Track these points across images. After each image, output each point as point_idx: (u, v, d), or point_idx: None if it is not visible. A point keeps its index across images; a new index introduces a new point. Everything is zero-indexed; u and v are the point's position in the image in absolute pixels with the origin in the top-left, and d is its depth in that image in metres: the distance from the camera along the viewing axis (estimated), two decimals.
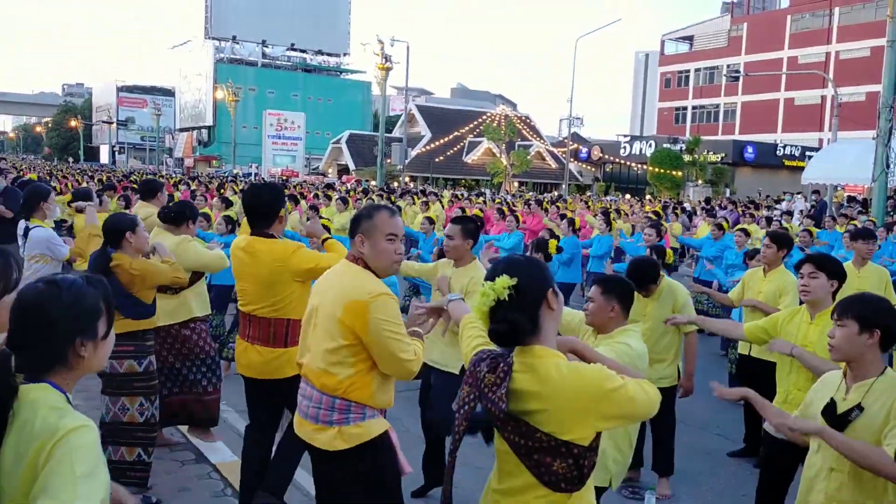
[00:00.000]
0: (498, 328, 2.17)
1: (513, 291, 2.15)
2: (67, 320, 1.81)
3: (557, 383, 2.11)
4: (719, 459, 6.06)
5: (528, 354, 2.19)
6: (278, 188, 4.33)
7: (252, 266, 4.03)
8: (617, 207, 19.68)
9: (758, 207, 22.10)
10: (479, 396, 2.21)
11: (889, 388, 2.87)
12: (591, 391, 2.09)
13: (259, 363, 4.06)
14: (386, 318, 2.92)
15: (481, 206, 19.65)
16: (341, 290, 3.02)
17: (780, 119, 53.05)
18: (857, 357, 2.95)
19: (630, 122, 76.25)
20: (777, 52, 52.72)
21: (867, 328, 2.90)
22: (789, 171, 42.84)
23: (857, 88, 45.24)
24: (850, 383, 2.98)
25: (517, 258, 2.32)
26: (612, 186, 47.10)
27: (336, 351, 2.99)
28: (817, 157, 24.22)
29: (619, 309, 3.59)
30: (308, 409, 3.08)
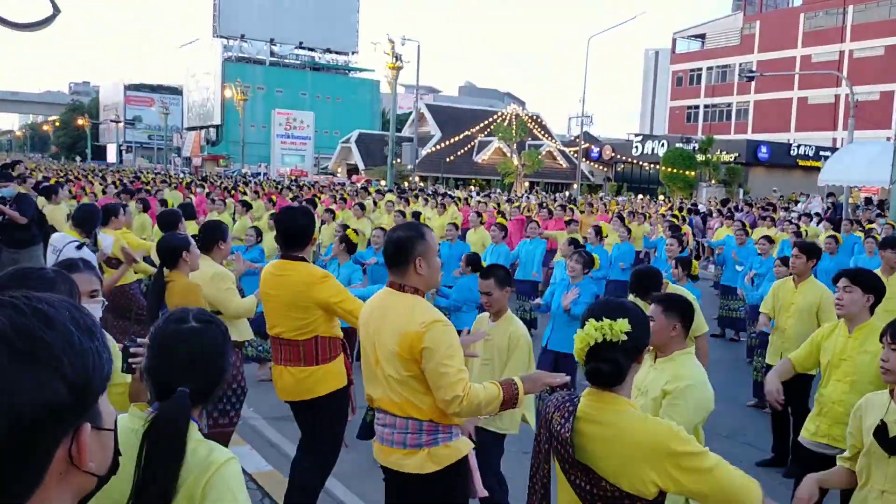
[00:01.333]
0: (602, 368, 2.15)
1: (625, 337, 2.14)
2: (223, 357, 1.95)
3: (622, 430, 2.10)
4: (748, 469, 5.93)
5: (599, 398, 2.19)
6: (311, 213, 4.30)
7: (278, 288, 4.00)
8: (632, 210, 19.51)
9: (775, 209, 21.90)
10: (549, 437, 2.22)
11: None
12: (654, 445, 2.06)
13: (292, 384, 4.03)
14: (436, 348, 2.88)
15: (500, 208, 19.52)
16: (396, 321, 2.99)
17: (794, 118, 52.71)
18: None
19: (640, 121, 75.99)
20: (790, 50, 52.37)
21: None
22: (803, 171, 42.54)
23: (871, 87, 44.91)
24: None
25: (631, 306, 2.29)
26: (625, 186, 46.87)
27: (406, 382, 2.98)
28: (833, 158, 23.99)
29: (680, 328, 3.46)
30: (393, 436, 3.07)
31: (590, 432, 2.14)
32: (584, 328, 2.18)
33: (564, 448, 2.14)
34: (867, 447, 3.05)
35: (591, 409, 2.17)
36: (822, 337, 4.34)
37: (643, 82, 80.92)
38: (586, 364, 2.20)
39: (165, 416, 1.73)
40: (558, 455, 2.19)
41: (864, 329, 4.15)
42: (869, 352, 4.06)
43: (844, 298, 4.18)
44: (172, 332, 1.90)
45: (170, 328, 1.91)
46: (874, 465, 3.02)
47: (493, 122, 52.73)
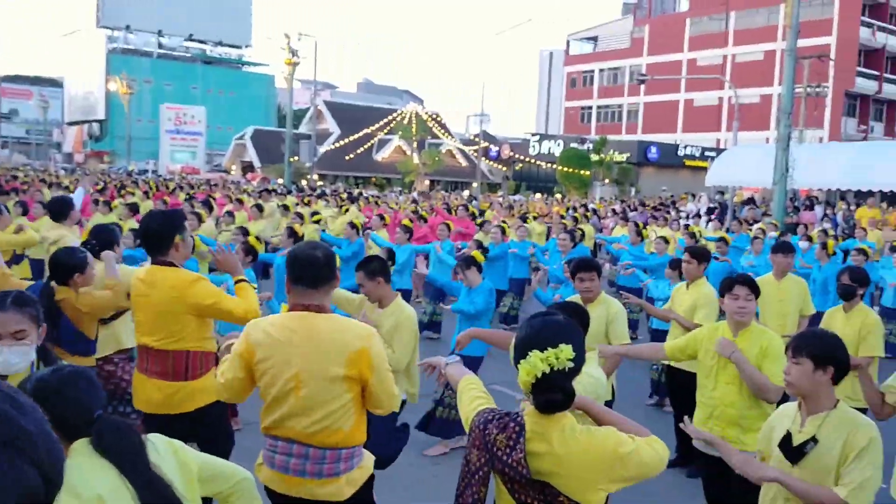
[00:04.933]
0: (555, 398, 2.11)
1: (571, 363, 2.11)
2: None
3: (572, 447, 2.10)
4: None
5: (544, 417, 2.16)
6: (172, 215, 4.06)
7: (149, 296, 3.79)
8: (526, 213, 19.78)
9: (668, 209, 22.75)
10: (490, 459, 2.18)
11: (842, 422, 2.97)
12: (605, 456, 2.10)
13: (158, 399, 3.80)
14: (381, 358, 2.94)
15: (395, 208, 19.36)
16: (333, 343, 2.87)
17: (681, 120, 55.05)
18: (812, 392, 3.03)
19: (536, 121, 77.45)
20: (677, 54, 54.64)
21: (822, 365, 2.99)
22: (690, 171, 44.46)
23: (752, 90, 47.41)
24: (805, 416, 3.07)
25: (568, 324, 2.23)
26: (523, 185, 47.66)
27: (339, 409, 2.90)
28: (720, 159, 25.16)
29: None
30: (306, 467, 2.93)
31: (541, 451, 2.12)
32: (527, 359, 2.10)
33: (516, 471, 2.12)
34: (773, 456, 3.14)
35: (539, 429, 2.15)
36: (705, 337, 4.43)
37: (539, 82, 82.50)
38: (533, 394, 2.14)
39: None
40: (505, 477, 2.17)
41: (748, 332, 4.28)
42: (752, 354, 4.19)
43: (748, 307, 4.31)
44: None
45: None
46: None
47: (393, 120, 52.50)
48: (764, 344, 4.23)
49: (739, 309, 4.29)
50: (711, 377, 4.36)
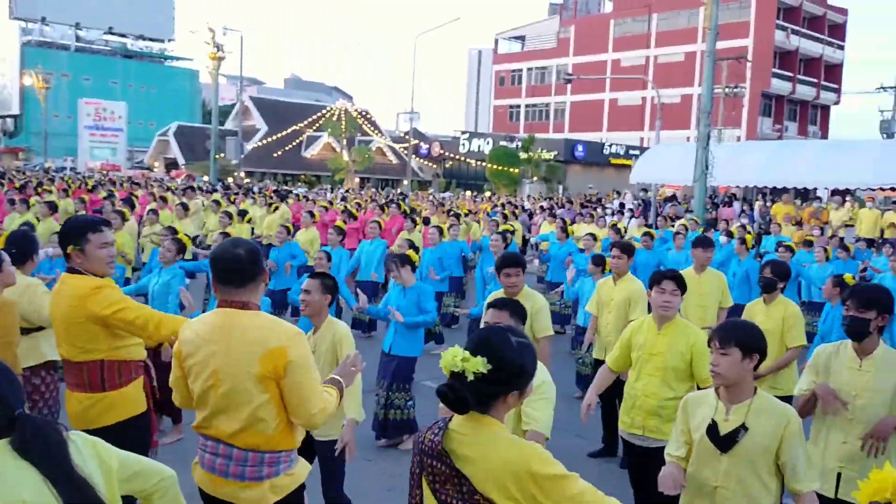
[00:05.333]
0: (447, 393, 2.10)
1: (479, 376, 2.07)
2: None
3: (487, 448, 2.07)
4: (581, 461, 6.27)
5: (473, 419, 2.14)
6: (66, 228, 3.71)
7: (57, 305, 3.65)
8: (458, 211, 19.88)
9: (595, 207, 23.23)
10: (420, 461, 2.20)
11: (768, 409, 3.12)
12: (518, 467, 2.04)
13: (78, 411, 3.64)
14: (300, 362, 2.83)
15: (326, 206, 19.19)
16: (251, 341, 2.81)
17: (606, 119, 56.24)
18: (738, 381, 3.14)
19: (466, 119, 77.87)
20: (602, 54, 55.77)
21: (748, 354, 3.11)
22: (615, 169, 45.49)
23: (674, 91, 48.83)
24: (728, 405, 3.16)
25: (507, 341, 2.16)
26: (453, 183, 47.88)
27: (258, 409, 2.82)
28: (643, 157, 25.79)
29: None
30: (229, 468, 2.87)
31: (461, 449, 2.11)
32: (452, 349, 2.13)
33: (439, 461, 2.12)
34: (697, 443, 3.22)
35: (462, 428, 2.14)
36: (632, 333, 4.55)
37: (468, 81, 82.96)
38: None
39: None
40: (430, 472, 2.17)
41: (672, 326, 4.41)
42: (677, 348, 4.33)
43: (673, 301, 4.43)
44: None
45: None
46: (705, 461, 3.19)
47: (322, 117, 51.92)
48: (691, 341, 4.35)
49: (665, 303, 4.41)
50: (636, 369, 4.48)
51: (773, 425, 3.07)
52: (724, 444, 3.11)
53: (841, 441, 3.73)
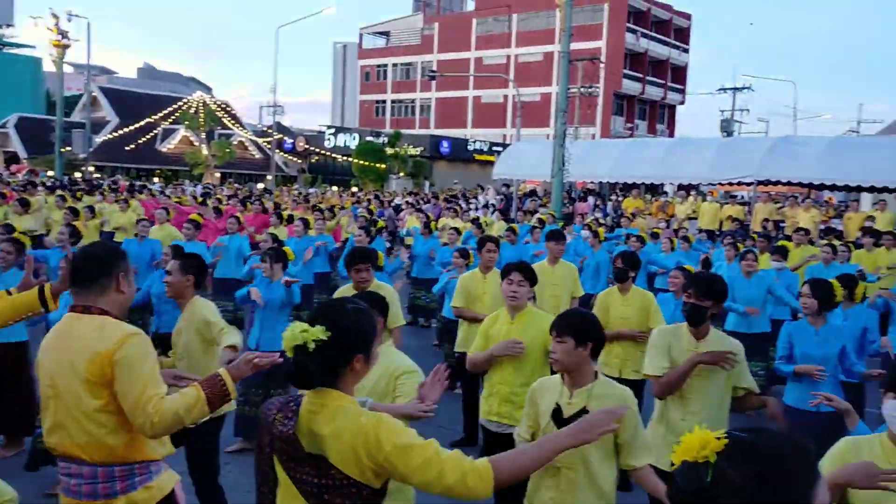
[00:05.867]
0: (289, 370, 2.14)
1: (320, 345, 2.11)
2: None
3: (340, 423, 2.10)
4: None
5: (322, 395, 2.17)
6: None
7: None
8: (330, 205, 19.68)
9: (465, 200, 23.63)
10: (271, 440, 2.20)
11: (607, 392, 3.29)
12: (367, 436, 2.08)
13: None
14: (128, 364, 2.65)
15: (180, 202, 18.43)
16: (83, 345, 2.68)
17: (470, 115, 57.29)
18: (576, 367, 3.30)
19: (332, 113, 76.97)
20: (465, 52, 56.74)
21: (582, 342, 3.26)
22: (479, 165, 46.44)
23: (534, 90, 50.41)
24: (571, 389, 3.31)
25: (343, 307, 2.25)
26: (319, 178, 47.23)
27: (94, 418, 2.67)
28: (505, 154, 26.48)
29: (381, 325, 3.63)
30: (81, 488, 2.70)
31: (316, 428, 2.12)
32: (292, 325, 2.16)
33: (291, 445, 2.13)
34: (543, 428, 3.36)
35: (313, 406, 2.15)
36: (489, 325, 4.70)
37: (333, 75, 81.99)
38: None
39: None
40: (283, 454, 2.17)
41: (524, 315, 4.59)
42: (529, 336, 4.49)
43: (520, 292, 4.61)
44: None
45: None
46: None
47: (179, 109, 49.71)
48: (543, 329, 4.44)
49: (512, 293, 4.58)
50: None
51: (607, 405, 3.21)
52: (565, 426, 3.26)
53: (680, 418, 4.01)
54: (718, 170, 19.05)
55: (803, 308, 5.31)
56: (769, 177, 18.33)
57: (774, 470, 1.31)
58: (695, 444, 1.35)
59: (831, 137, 19.92)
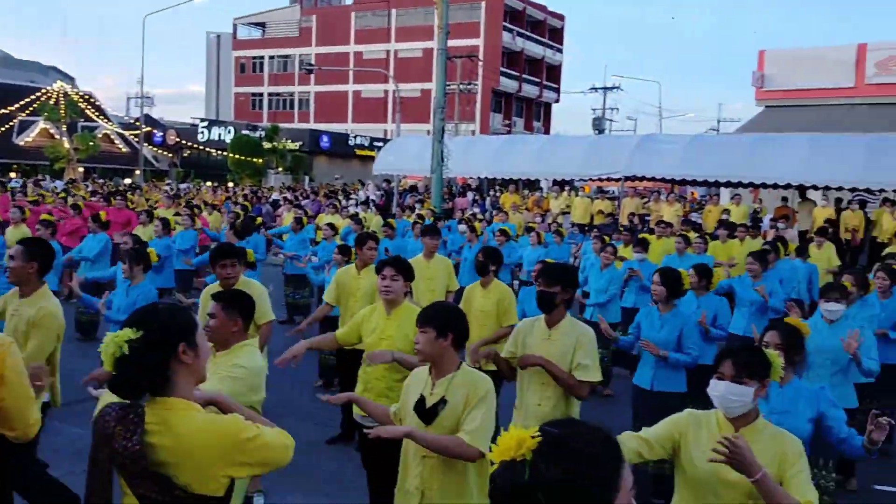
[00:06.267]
0: (116, 383, 2.09)
1: (135, 346, 2.07)
2: None
3: (192, 435, 2.08)
4: (320, 448, 6.41)
5: (161, 406, 2.13)
6: None
7: None
8: (202, 201, 19.02)
9: (339, 198, 23.41)
10: (111, 454, 2.12)
11: (465, 382, 3.37)
12: (225, 441, 2.10)
13: None
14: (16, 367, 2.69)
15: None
16: None
17: (351, 110, 56.85)
18: (438, 357, 3.39)
19: (206, 106, 74.25)
20: (345, 46, 56.23)
21: (443, 333, 3.36)
22: (360, 160, 46.21)
23: (414, 85, 50.62)
24: (434, 379, 3.41)
25: (151, 307, 2.24)
26: (192, 173, 45.51)
27: None
28: (385, 149, 26.39)
29: (241, 325, 3.61)
30: None
31: (160, 442, 2.08)
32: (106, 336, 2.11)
33: (134, 461, 2.07)
34: (408, 418, 3.43)
35: (157, 419, 2.10)
36: (364, 317, 4.73)
37: (207, 66, 79.08)
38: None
39: None
40: (124, 470, 2.11)
41: (400, 311, 4.63)
42: (405, 331, 4.52)
43: (393, 286, 4.64)
44: None
45: None
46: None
47: (38, 100, 46.55)
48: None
49: (385, 288, 4.62)
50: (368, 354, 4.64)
51: (463, 395, 3.33)
52: (427, 416, 3.35)
53: (536, 403, 4.20)
54: (589, 166, 19.74)
55: (653, 295, 5.66)
56: (636, 173, 19.20)
57: (585, 461, 1.38)
58: (512, 444, 1.39)
59: (692, 136, 21.09)
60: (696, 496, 2.86)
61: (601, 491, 1.37)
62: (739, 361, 2.86)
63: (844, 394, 5.14)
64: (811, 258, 10.91)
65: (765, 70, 31.19)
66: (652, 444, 2.93)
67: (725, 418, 2.89)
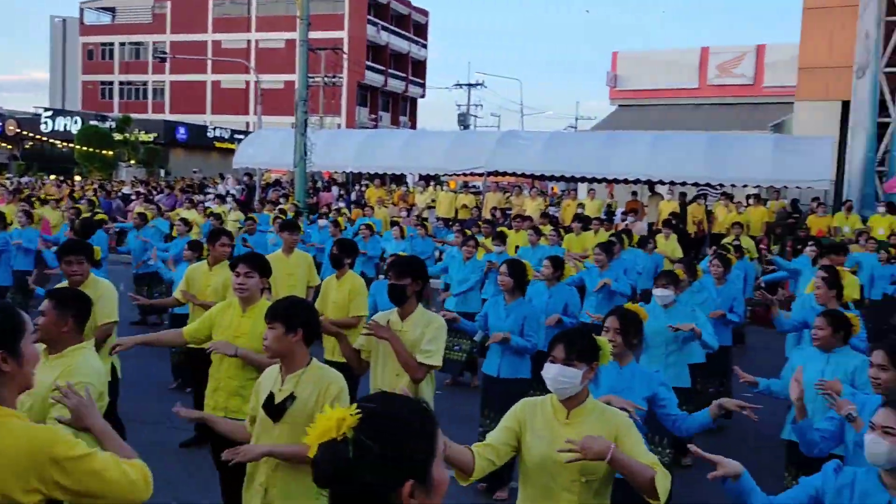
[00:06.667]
0: None
1: None
2: None
3: (4, 442, 1.98)
4: (173, 451, 6.31)
5: None
6: None
7: None
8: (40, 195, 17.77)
9: (195, 192, 22.55)
10: None
11: (316, 377, 3.38)
12: (37, 454, 1.98)
13: None
14: None
15: None
16: None
17: (209, 101, 54.81)
18: (287, 353, 3.37)
19: (50, 95, 69.27)
20: (202, 34, 54.08)
21: (292, 328, 3.35)
22: (220, 153, 44.64)
23: (276, 76, 49.44)
24: (284, 376, 3.40)
25: None
26: (35, 166, 42.33)
27: None
28: (246, 141, 25.66)
29: (73, 324, 3.37)
30: None
31: None
32: None
33: None
34: (259, 416, 3.40)
35: None
36: (218, 314, 4.62)
37: (51, 52, 73.80)
38: None
39: None
40: None
41: (256, 308, 4.53)
42: (260, 329, 4.43)
43: (247, 283, 4.55)
44: None
45: None
46: (263, 432, 3.39)
47: None
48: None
49: (239, 285, 4.53)
50: (219, 355, 4.47)
51: (314, 390, 3.33)
52: (275, 413, 3.31)
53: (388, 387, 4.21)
54: (454, 161, 20.07)
55: (500, 284, 5.87)
56: (498, 168, 19.70)
57: (406, 431, 1.43)
58: (332, 424, 1.41)
59: (550, 133, 21.89)
60: (535, 481, 2.96)
61: (423, 458, 1.42)
62: (570, 345, 2.99)
63: (679, 374, 5.54)
64: (658, 249, 11.59)
65: (618, 71, 32.85)
66: (498, 449, 2.98)
67: (558, 401, 3.02)
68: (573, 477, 2.85)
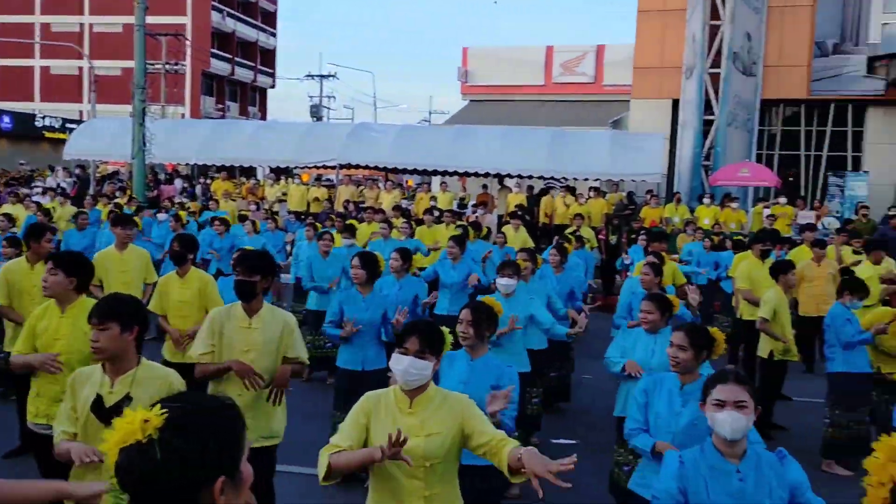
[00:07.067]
0: None
1: None
2: None
3: None
4: None
5: None
6: None
7: None
8: None
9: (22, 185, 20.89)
10: None
11: (151, 376, 3.30)
12: None
13: None
14: None
15: None
16: None
17: (38, 88, 50.81)
18: (121, 353, 3.25)
19: None
20: (28, 16, 50.01)
21: (128, 327, 3.25)
22: (51, 144, 41.41)
23: (113, 63, 46.43)
24: (112, 377, 3.26)
25: None
26: None
27: None
28: (78, 131, 23.99)
29: None
30: None
31: None
32: None
33: None
34: (83, 420, 3.24)
35: None
36: (37, 319, 4.35)
37: None
38: None
39: None
40: None
41: (75, 308, 4.31)
42: (81, 329, 4.18)
43: (49, 281, 4.32)
44: None
45: None
46: (92, 437, 3.19)
47: None
48: None
49: (42, 282, 4.36)
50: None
51: (151, 390, 3.18)
52: (107, 416, 3.14)
53: (237, 394, 4.07)
54: (305, 153, 19.71)
55: (354, 278, 5.85)
56: (350, 161, 19.56)
57: (215, 428, 1.40)
58: (136, 426, 1.37)
59: (401, 126, 21.97)
60: (382, 470, 2.96)
61: (232, 454, 1.40)
62: (423, 337, 3.01)
63: (519, 359, 5.72)
64: (509, 240, 11.92)
65: (468, 66, 33.52)
66: (353, 446, 2.94)
67: (402, 391, 3.02)
68: (417, 463, 2.87)
